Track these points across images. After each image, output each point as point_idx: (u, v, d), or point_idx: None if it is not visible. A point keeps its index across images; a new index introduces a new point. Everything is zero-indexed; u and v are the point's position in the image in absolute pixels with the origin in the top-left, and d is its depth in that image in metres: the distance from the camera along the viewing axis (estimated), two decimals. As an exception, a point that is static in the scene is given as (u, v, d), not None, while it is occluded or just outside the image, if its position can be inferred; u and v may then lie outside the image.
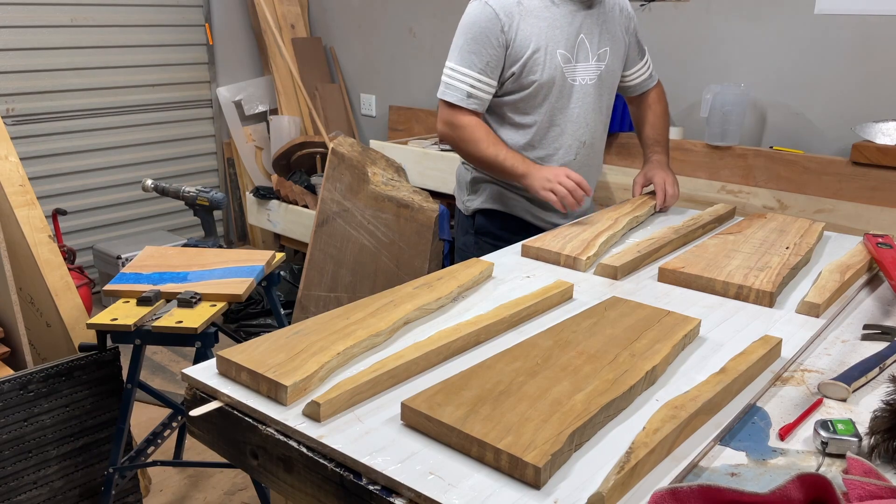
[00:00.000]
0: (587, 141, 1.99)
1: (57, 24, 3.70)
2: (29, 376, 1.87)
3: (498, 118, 1.96)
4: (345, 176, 3.18)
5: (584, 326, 1.20)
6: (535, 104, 1.90)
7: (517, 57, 1.83)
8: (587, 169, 2.01)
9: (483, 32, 1.81)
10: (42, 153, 3.76)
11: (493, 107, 1.95)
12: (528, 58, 1.83)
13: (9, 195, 2.13)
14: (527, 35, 1.82)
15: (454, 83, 1.86)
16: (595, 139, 2.02)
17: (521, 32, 1.82)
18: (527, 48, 1.82)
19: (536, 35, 1.83)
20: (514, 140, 1.95)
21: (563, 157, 1.96)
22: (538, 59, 1.84)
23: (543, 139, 1.95)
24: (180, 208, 4.23)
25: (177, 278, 1.92)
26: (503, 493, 0.82)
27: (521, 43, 1.82)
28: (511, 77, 1.86)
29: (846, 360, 1.18)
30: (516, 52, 1.83)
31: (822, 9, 2.61)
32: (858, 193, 2.45)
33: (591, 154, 2.03)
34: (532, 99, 1.89)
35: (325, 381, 1.06)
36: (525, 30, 1.82)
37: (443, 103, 1.91)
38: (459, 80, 1.85)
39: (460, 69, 1.85)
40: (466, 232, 2.13)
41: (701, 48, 2.94)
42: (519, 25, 1.81)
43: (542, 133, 1.94)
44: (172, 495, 2.40)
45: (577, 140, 1.97)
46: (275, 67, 4.36)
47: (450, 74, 1.88)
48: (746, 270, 1.47)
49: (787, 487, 0.76)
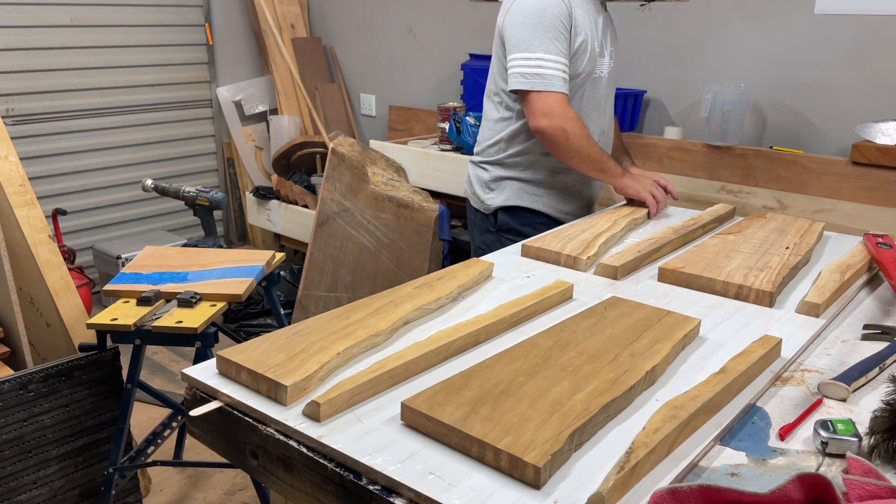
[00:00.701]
0: (605, 130, 2.10)
1: (57, 24, 3.70)
2: (29, 376, 1.87)
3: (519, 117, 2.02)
4: (345, 176, 3.18)
5: (584, 326, 1.20)
6: (574, 89, 1.96)
7: (574, 43, 1.91)
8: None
9: (557, 17, 1.85)
10: (42, 153, 3.76)
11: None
12: (579, 46, 1.91)
13: (9, 195, 2.13)
14: (580, 23, 1.91)
15: (546, 72, 1.84)
16: (609, 129, 2.14)
17: (577, 20, 1.90)
18: (579, 36, 1.91)
19: (584, 25, 1.92)
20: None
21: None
22: (586, 47, 1.93)
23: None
24: (180, 208, 4.23)
25: (177, 278, 1.92)
26: (503, 493, 0.82)
27: (577, 30, 1.90)
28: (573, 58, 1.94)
29: (846, 360, 1.18)
30: (574, 38, 1.90)
31: (822, 9, 2.61)
32: (858, 193, 2.45)
33: (606, 143, 2.12)
34: (573, 84, 1.96)
35: (325, 381, 1.06)
36: (578, 18, 1.90)
37: (538, 96, 1.85)
38: (553, 69, 1.85)
39: (549, 57, 1.85)
40: (486, 230, 2.15)
41: (701, 48, 2.94)
42: (576, 13, 1.89)
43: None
44: (172, 495, 2.40)
45: (598, 128, 2.06)
46: (275, 67, 4.36)
47: (541, 66, 1.84)
48: (746, 270, 1.47)
49: (787, 487, 0.76)
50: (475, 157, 2.16)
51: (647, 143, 2.97)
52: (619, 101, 3.00)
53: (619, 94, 2.99)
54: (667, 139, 2.94)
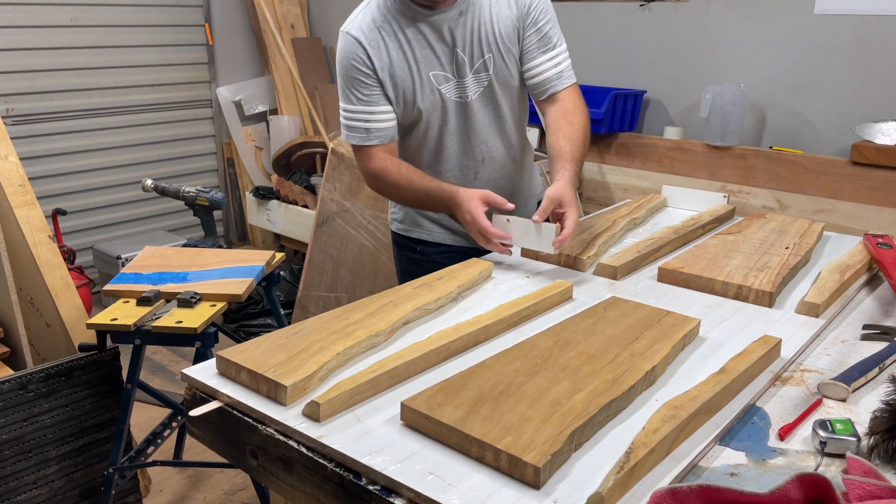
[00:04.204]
0: (486, 158, 1.79)
1: (57, 24, 3.70)
2: (29, 376, 1.87)
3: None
4: (345, 176, 3.18)
5: (584, 326, 1.20)
6: (420, 128, 1.74)
7: (391, 84, 1.67)
8: (497, 182, 1.81)
9: (352, 65, 1.66)
10: (42, 153, 3.76)
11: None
12: (402, 84, 1.67)
13: (9, 195, 2.13)
14: (397, 60, 1.66)
15: (352, 123, 1.71)
16: (497, 152, 1.81)
17: (389, 58, 1.65)
18: (399, 74, 1.66)
19: (405, 58, 1.66)
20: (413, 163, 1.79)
21: (461, 179, 1.79)
22: (413, 83, 1.67)
23: (437, 162, 1.79)
24: (180, 208, 4.23)
25: (177, 278, 1.93)
26: (503, 493, 0.82)
27: (391, 69, 1.66)
28: (392, 104, 1.71)
29: (846, 360, 1.18)
30: (389, 78, 1.66)
31: (822, 9, 2.61)
32: (858, 193, 2.46)
33: (498, 167, 1.82)
34: (415, 124, 1.74)
35: (324, 381, 1.06)
36: (393, 54, 1.65)
37: (353, 149, 1.76)
38: (354, 120, 1.70)
39: (350, 108, 1.70)
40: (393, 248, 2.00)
41: (701, 48, 2.95)
42: (386, 51, 1.65)
43: (433, 156, 1.78)
44: (172, 495, 2.40)
45: (472, 160, 1.79)
46: (275, 67, 4.36)
47: (345, 117, 1.72)
48: (746, 270, 1.47)
49: (787, 487, 0.76)
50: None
51: (647, 143, 2.98)
52: (619, 102, 3.00)
53: (619, 94, 3.00)
54: (667, 139, 2.94)
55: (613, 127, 3.02)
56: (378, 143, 1.71)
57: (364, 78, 1.66)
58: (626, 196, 2.98)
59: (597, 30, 3.20)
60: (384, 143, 1.71)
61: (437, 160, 1.78)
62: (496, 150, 1.80)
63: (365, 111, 1.69)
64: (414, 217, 1.88)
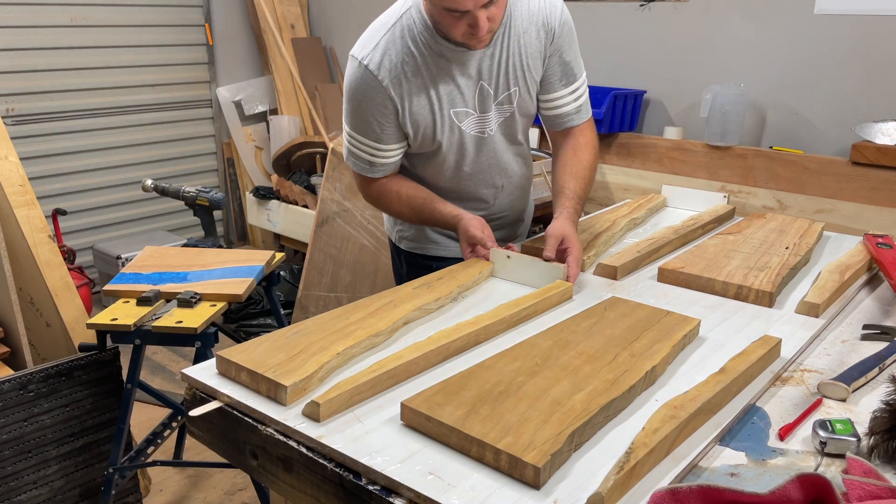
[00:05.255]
0: (504, 184, 1.77)
1: (57, 24, 3.70)
2: (29, 376, 1.87)
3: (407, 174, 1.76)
4: (345, 176, 3.18)
5: (584, 326, 1.20)
6: (439, 162, 1.68)
7: (411, 121, 1.59)
8: (513, 203, 1.83)
9: (368, 100, 1.55)
10: (42, 153, 3.76)
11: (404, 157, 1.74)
12: (423, 121, 1.59)
13: (9, 195, 2.13)
14: (419, 97, 1.56)
15: (356, 151, 1.64)
16: (515, 176, 1.79)
17: (411, 95, 1.56)
18: (420, 112, 1.58)
19: (427, 95, 1.57)
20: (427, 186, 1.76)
21: (479, 207, 1.77)
22: (434, 121, 1.59)
23: (455, 192, 1.74)
24: (180, 208, 4.23)
25: (177, 278, 1.93)
26: (503, 493, 0.82)
27: (411, 107, 1.57)
28: (409, 140, 1.64)
29: (846, 360, 1.18)
30: (408, 116, 1.58)
31: (822, 9, 2.61)
32: (858, 193, 2.46)
33: (514, 189, 1.82)
34: (434, 157, 1.68)
35: (324, 381, 1.06)
36: (415, 91, 1.56)
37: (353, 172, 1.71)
38: (359, 149, 1.63)
39: (357, 136, 1.62)
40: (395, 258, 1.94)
41: (701, 48, 2.95)
42: (408, 88, 1.55)
43: (452, 186, 1.74)
44: (172, 495, 2.40)
45: (491, 188, 1.76)
46: (275, 67, 4.36)
47: (349, 141, 1.65)
48: (746, 270, 1.47)
49: (787, 487, 0.76)
50: None
51: (647, 143, 2.98)
52: (619, 102, 3.00)
53: (619, 94, 3.00)
54: (667, 139, 2.94)
55: (613, 127, 3.02)
56: (381, 177, 1.67)
57: (379, 117, 1.57)
58: (626, 196, 2.98)
59: (597, 30, 3.20)
60: (386, 174, 1.67)
61: (456, 189, 1.74)
62: (513, 174, 1.78)
63: (372, 146, 1.61)
64: (427, 234, 1.81)
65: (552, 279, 1.44)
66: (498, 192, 1.78)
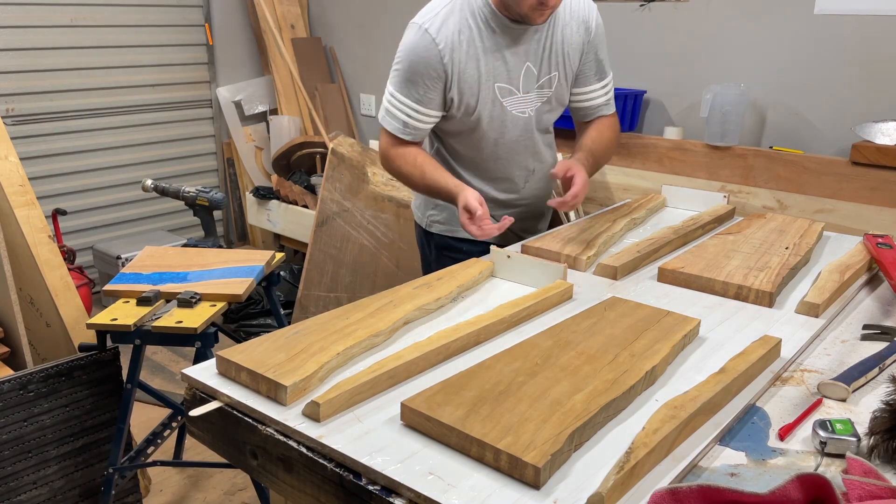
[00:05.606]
0: (535, 169, 1.88)
1: (57, 24, 3.70)
2: (29, 376, 1.87)
3: (442, 148, 1.86)
4: (345, 176, 3.18)
5: (584, 326, 1.20)
6: (477, 137, 1.78)
7: (457, 90, 1.69)
8: (540, 191, 1.92)
9: (422, 61, 1.66)
10: (42, 153, 3.76)
11: (438, 135, 1.85)
12: (468, 91, 1.69)
13: (9, 195, 2.13)
14: (468, 67, 1.67)
15: (394, 111, 1.74)
16: (545, 164, 1.90)
17: (462, 64, 1.66)
18: (467, 81, 1.68)
19: (477, 67, 1.68)
20: (458, 167, 1.85)
21: (510, 188, 1.87)
22: (478, 92, 1.70)
23: (488, 171, 1.84)
24: (180, 208, 4.23)
25: (177, 278, 1.93)
26: (503, 493, 0.82)
27: (461, 75, 1.67)
28: (451, 109, 1.73)
29: (846, 360, 1.18)
30: (456, 84, 1.68)
31: (822, 9, 2.61)
32: (858, 193, 2.45)
33: (542, 176, 1.91)
34: (473, 132, 1.77)
35: (324, 381, 1.06)
36: (466, 61, 1.67)
37: (382, 129, 1.79)
38: (398, 109, 1.73)
39: (398, 96, 1.72)
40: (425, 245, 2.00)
41: (701, 48, 2.94)
42: (459, 56, 1.66)
43: (486, 165, 1.83)
44: (172, 495, 2.40)
45: (524, 170, 1.86)
46: (275, 67, 4.36)
47: (389, 100, 1.75)
48: (746, 270, 1.47)
49: (787, 487, 0.76)
50: None
51: (647, 144, 2.98)
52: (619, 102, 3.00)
53: (619, 94, 2.99)
54: (667, 139, 2.94)
55: (613, 127, 3.02)
56: (408, 140, 1.76)
57: (428, 80, 1.68)
58: (626, 196, 2.98)
59: (597, 30, 3.20)
60: (413, 140, 1.77)
61: (491, 167, 1.84)
62: (544, 161, 1.90)
63: (413, 108, 1.72)
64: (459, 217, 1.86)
65: (552, 279, 1.44)
66: (529, 177, 1.89)
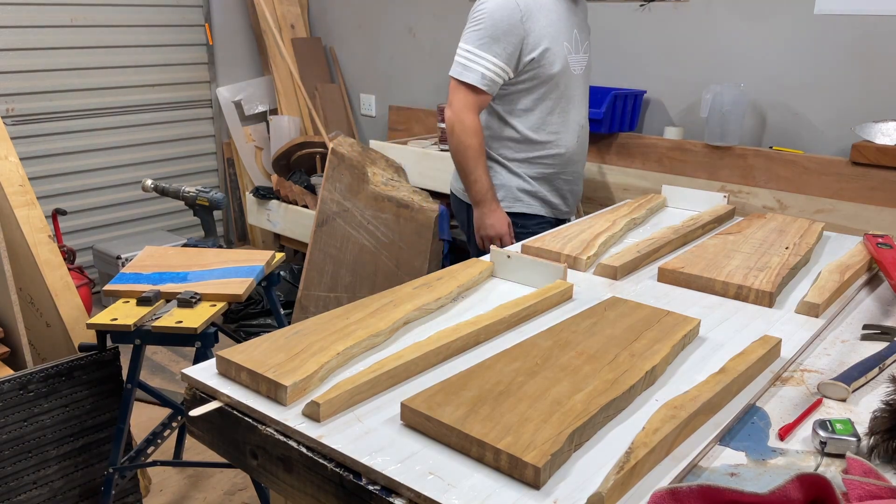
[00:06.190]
0: (584, 124, 2.20)
1: (57, 24, 3.70)
2: (29, 376, 1.87)
3: (508, 105, 2.09)
4: (345, 176, 3.18)
5: (584, 326, 1.20)
6: (546, 92, 2.05)
7: (533, 48, 1.97)
8: (583, 148, 2.23)
9: (504, 21, 1.93)
10: (42, 153, 3.76)
11: (504, 94, 2.07)
12: (543, 49, 1.98)
13: (9, 195, 2.13)
14: (542, 27, 1.97)
15: (471, 65, 1.96)
16: (587, 122, 2.25)
17: (538, 24, 1.96)
18: (542, 40, 1.97)
19: (549, 27, 1.99)
20: (523, 126, 2.09)
21: (567, 141, 2.14)
22: (551, 50, 2.00)
23: (551, 124, 2.10)
24: (180, 208, 4.23)
25: (177, 278, 1.92)
26: (503, 493, 0.82)
27: (537, 34, 1.96)
28: (527, 66, 1.99)
29: (846, 360, 1.18)
30: (533, 43, 1.96)
31: (822, 9, 2.61)
32: (858, 193, 2.45)
33: (586, 135, 2.24)
34: (543, 87, 2.04)
35: (324, 381, 1.06)
36: (541, 21, 1.97)
37: (456, 85, 1.99)
38: (476, 63, 1.96)
39: (478, 52, 1.95)
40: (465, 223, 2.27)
41: (701, 48, 2.94)
42: (536, 17, 1.96)
43: (550, 119, 2.09)
44: (172, 495, 2.40)
45: (577, 124, 2.16)
46: (275, 67, 4.36)
47: (467, 56, 1.97)
48: (746, 270, 1.47)
49: (787, 487, 0.76)
50: None
51: (647, 144, 2.98)
52: (619, 102, 3.00)
53: (619, 94, 2.99)
54: (667, 139, 2.94)
55: (613, 127, 3.02)
56: (484, 90, 1.98)
57: (509, 37, 1.94)
58: (626, 196, 2.98)
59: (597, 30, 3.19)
60: (488, 93, 2.00)
61: (561, 121, 2.11)
62: (587, 120, 2.24)
63: (492, 61, 1.95)
64: (515, 193, 2.15)
65: (552, 279, 1.44)
66: (580, 132, 2.18)
